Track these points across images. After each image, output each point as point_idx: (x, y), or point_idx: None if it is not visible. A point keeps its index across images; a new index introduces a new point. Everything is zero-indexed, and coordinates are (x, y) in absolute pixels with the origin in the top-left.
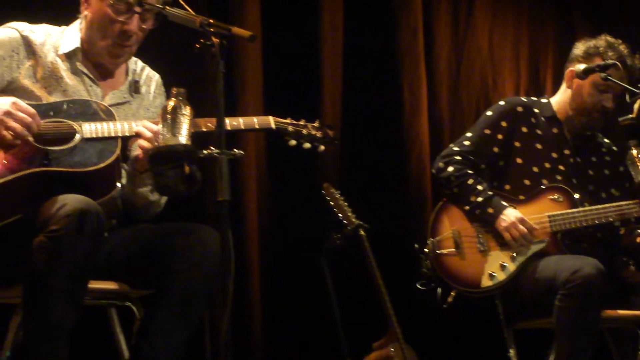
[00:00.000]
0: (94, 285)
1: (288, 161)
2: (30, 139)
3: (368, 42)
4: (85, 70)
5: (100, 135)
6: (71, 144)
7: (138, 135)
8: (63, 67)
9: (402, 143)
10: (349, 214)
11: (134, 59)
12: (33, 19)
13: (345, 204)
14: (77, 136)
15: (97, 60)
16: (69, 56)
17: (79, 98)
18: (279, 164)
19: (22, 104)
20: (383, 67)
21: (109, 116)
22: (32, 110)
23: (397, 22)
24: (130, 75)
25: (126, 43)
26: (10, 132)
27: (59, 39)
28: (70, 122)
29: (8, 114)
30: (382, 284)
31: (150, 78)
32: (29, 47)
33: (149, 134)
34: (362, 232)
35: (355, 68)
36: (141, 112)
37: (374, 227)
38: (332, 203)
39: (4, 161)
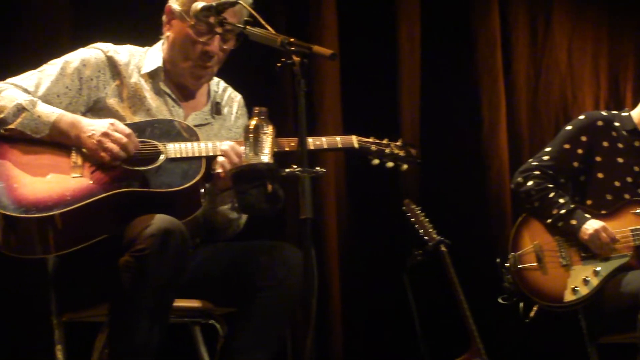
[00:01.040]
0: (178, 303)
1: (368, 178)
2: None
3: (446, 58)
4: (167, 91)
5: (184, 155)
6: (156, 164)
7: (223, 155)
8: (146, 88)
9: (482, 158)
10: (430, 230)
11: (215, 79)
12: (117, 39)
13: (426, 219)
14: (162, 156)
15: (179, 81)
16: (152, 76)
17: (162, 118)
18: (358, 181)
19: (119, 124)
20: (461, 82)
21: (192, 136)
22: (128, 130)
23: (475, 37)
24: (212, 97)
25: (207, 64)
26: (108, 154)
27: (142, 59)
28: (155, 142)
29: (105, 135)
30: (464, 300)
31: (232, 99)
32: (114, 68)
33: (235, 159)
34: (443, 248)
35: (434, 84)
36: (223, 133)
37: (455, 243)
38: (413, 219)
39: (90, 181)
